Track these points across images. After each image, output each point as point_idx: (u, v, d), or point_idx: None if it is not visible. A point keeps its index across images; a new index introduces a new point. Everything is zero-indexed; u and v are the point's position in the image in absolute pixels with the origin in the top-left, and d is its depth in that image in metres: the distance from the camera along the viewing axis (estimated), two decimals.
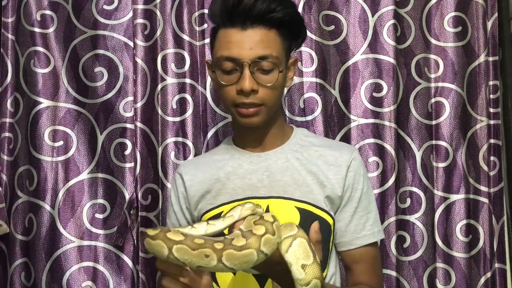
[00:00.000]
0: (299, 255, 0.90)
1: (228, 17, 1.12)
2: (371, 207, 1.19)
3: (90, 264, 1.58)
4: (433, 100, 1.60)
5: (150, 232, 0.86)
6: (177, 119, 1.60)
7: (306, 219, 1.12)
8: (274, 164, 1.18)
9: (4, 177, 1.60)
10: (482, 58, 1.59)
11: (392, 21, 1.57)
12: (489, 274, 1.54)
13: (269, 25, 1.12)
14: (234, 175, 1.18)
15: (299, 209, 1.13)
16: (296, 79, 1.58)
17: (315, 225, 0.96)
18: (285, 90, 1.46)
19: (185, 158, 1.59)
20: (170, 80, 1.60)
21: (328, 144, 1.24)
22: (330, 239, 1.16)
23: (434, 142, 1.59)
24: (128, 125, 1.61)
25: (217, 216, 1.13)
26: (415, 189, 1.58)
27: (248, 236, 0.87)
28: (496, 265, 1.55)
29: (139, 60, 1.59)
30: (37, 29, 1.63)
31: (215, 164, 1.22)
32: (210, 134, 1.60)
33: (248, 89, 1.10)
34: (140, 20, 1.60)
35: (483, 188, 1.57)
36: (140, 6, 1.60)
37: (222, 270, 0.87)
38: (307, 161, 1.18)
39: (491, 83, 1.58)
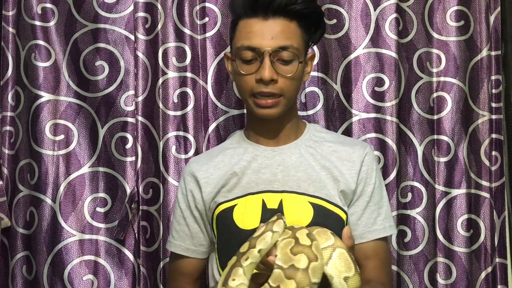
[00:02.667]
0: (340, 268, 0.86)
1: (250, 7, 1.13)
2: (383, 202, 1.20)
3: (91, 257, 1.58)
4: (435, 95, 1.59)
5: None
6: (178, 113, 1.60)
7: (319, 214, 1.12)
8: (288, 159, 1.18)
9: (5, 170, 1.60)
10: (484, 53, 1.59)
11: (394, 15, 1.57)
12: (489, 269, 1.54)
13: (290, 17, 1.13)
14: (249, 169, 1.18)
15: (312, 204, 1.13)
16: None
17: (347, 231, 0.95)
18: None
19: (186, 152, 1.58)
20: (171, 74, 1.59)
21: (341, 140, 1.25)
22: None
23: (435, 136, 1.58)
24: (129, 119, 1.61)
25: (230, 209, 1.13)
26: (416, 184, 1.58)
27: (293, 274, 0.81)
28: (497, 260, 1.55)
29: (140, 54, 1.58)
30: (38, 23, 1.62)
31: (229, 159, 1.22)
32: (211, 128, 1.60)
33: (268, 78, 1.10)
34: (141, 14, 1.59)
35: (485, 183, 1.57)
36: (141, 0, 1.60)
37: None
38: (321, 157, 1.18)
39: (493, 77, 1.57)
